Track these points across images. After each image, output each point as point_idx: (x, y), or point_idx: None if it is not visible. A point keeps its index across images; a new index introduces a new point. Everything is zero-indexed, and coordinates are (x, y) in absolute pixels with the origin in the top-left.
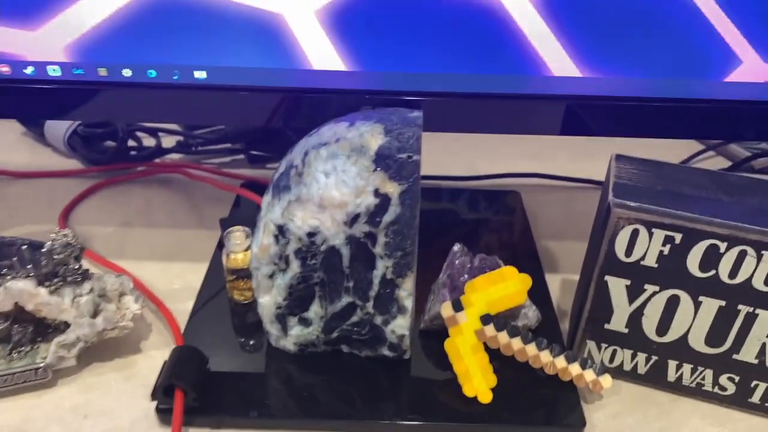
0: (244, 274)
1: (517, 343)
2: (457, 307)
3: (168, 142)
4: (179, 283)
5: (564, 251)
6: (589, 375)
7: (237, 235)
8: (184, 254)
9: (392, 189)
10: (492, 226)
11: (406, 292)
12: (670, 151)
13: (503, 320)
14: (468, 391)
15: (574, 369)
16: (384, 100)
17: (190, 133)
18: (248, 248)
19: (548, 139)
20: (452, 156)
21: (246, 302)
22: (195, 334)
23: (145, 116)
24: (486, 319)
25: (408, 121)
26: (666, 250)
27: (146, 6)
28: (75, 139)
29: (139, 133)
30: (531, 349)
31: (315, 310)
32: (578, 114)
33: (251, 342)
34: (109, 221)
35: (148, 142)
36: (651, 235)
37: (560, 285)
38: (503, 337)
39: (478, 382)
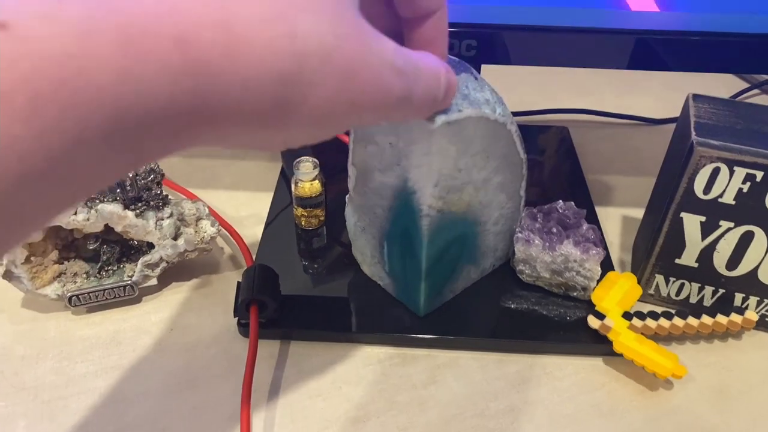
0: (310, 202)
1: (663, 322)
2: (599, 316)
3: None
4: (246, 210)
5: (612, 185)
6: (736, 318)
7: (306, 165)
8: (248, 183)
9: None
10: (542, 161)
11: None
12: (714, 88)
13: (641, 312)
14: (664, 372)
15: (722, 320)
16: (453, 33)
17: None
18: (315, 178)
19: (594, 74)
20: (500, 91)
21: (311, 229)
22: (265, 256)
23: None
24: (627, 316)
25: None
26: (745, 188)
27: None
28: None
29: None
30: (678, 321)
31: None
32: (651, 48)
33: (315, 266)
34: None
35: None
36: (732, 173)
37: (608, 217)
38: (651, 322)
39: (665, 362)
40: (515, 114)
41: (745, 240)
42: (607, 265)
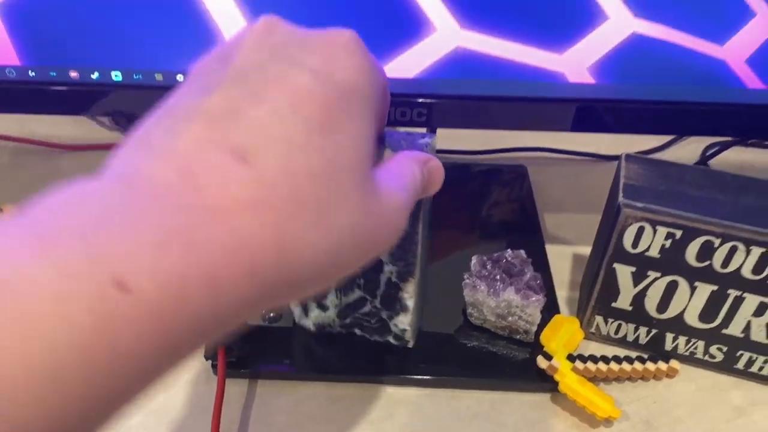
0: None
1: (601, 366)
2: (547, 357)
3: None
4: None
5: (567, 223)
6: (662, 365)
7: None
8: None
9: None
10: (496, 199)
11: (408, 294)
12: None
13: (583, 355)
14: (602, 414)
15: (650, 366)
16: (405, 102)
17: None
18: None
19: None
20: (460, 130)
21: None
22: None
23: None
24: (571, 358)
25: (418, 147)
26: (668, 244)
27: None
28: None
29: None
30: (613, 366)
31: (331, 299)
32: (590, 114)
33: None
34: None
35: None
36: (655, 231)
37: (560, 255)
38: (591, 366)
39: (603, 404)
40: (476, 153)
41: (671, 288)
42: (553, 308)
